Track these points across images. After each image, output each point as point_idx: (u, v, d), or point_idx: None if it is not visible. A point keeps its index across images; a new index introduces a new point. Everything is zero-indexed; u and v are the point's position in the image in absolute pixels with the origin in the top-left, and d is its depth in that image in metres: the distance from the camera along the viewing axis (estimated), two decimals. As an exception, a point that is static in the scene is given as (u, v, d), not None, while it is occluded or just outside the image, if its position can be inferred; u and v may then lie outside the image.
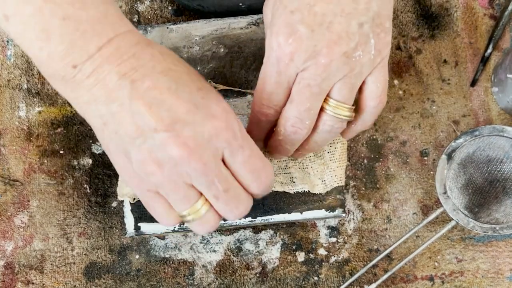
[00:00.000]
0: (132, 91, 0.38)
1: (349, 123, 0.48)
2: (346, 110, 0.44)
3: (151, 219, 0.54)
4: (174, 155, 0.38)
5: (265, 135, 0.48)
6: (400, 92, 0.61)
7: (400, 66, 0.61)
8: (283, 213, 0.54)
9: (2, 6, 0.38)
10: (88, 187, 0.60)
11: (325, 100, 0.44)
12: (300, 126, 0.44)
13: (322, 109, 0.44)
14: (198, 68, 0.56)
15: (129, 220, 0.54)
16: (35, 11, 0.37)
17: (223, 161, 0.40)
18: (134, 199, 0.54)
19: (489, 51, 0.60)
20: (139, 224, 0.54)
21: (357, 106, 0.46)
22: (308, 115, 0.44)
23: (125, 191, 0.54)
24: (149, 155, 0.38)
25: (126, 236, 0.54)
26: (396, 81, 0.61)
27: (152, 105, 0.38)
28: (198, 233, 0.44)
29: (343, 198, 0.54)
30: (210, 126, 0.39)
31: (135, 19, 0.62)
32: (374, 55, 0.42)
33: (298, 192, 0.54)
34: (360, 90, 0.45)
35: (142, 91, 0.38)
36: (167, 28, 0.57)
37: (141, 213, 0.54)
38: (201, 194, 0.41)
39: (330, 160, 0.54)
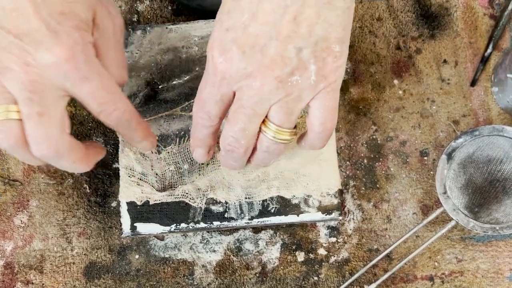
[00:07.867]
0: None
1: (299, 140, 0.47)
2: (286, 134, 0.43)
3: (148, 219, 0.54)
4: (9, 65, 0.39)
5: (207, 139, 0.47)
6: (400, 92, 0.61)
7: (400, 66, 0.61)
8: (280, 215, 0.54)
9: None
10: (87, 187, 0.60)
11: (265, 123, 0.43)
12: (236, 145, 0.44)
13: (261, 131, 0.43)
14: (197, 69, 0.56)
15: (125, 220, 0.54)
16: None
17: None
18: (141, 201, 0.54)
19: (489, 51, 0.60)
20: (135, 224, 0.54)
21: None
22: (243, 135, 0.43)
23: (129, 193, 0.53)
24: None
25: (122, 236, 0.54)
26: (396, 81, 0.61)
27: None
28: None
29: (339, 201, 0.54)
30: (51, 53, 0.39)
31: (134, 19, 0.62)
32: (316, 80, 0.41)
33: (294, 195, 0.54)
34: (308, 113, 0.44)
35: None
36: (166, 28, 0.57)
37: (138, 213, 0.54)
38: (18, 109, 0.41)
39: (326, 162, 0.54)
